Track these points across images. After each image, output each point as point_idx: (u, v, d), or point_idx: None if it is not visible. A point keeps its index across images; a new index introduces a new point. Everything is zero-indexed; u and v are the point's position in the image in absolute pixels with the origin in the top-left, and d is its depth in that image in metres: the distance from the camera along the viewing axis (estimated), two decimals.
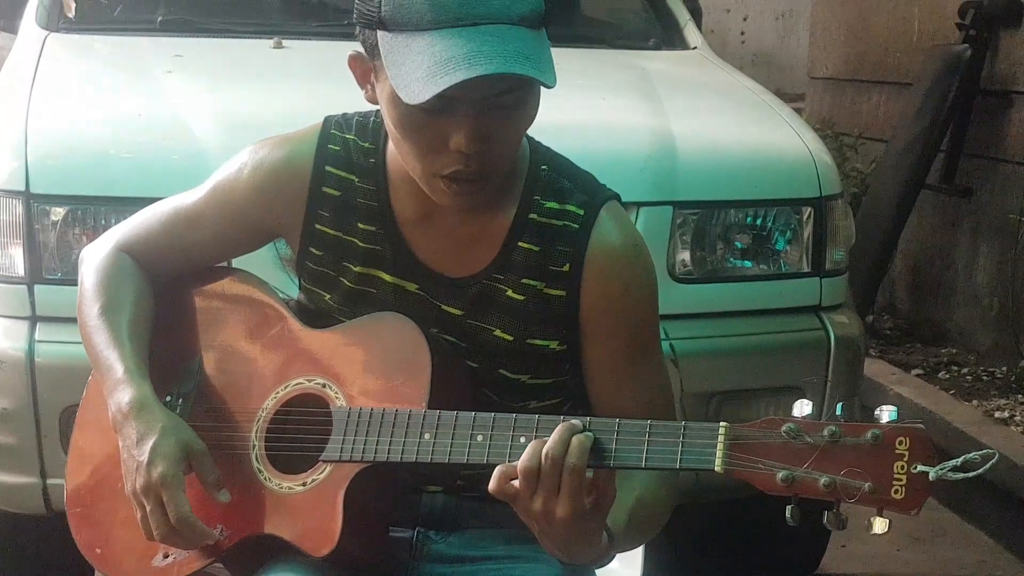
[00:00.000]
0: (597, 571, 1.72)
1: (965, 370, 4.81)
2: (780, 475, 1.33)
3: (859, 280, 4.55)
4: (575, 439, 1.36)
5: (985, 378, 4.70)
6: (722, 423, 1.37)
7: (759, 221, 2.80)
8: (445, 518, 1.62)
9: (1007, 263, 4.74)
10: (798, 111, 3.38)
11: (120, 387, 1.56)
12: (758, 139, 2.96)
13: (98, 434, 1.67)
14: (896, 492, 1.31)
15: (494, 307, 1.57)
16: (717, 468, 1.35)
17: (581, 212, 1.57)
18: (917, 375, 4.75)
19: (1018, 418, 4.19)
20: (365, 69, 1.50)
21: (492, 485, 1.38)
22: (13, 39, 3.28)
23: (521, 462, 1.37)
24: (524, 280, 1.56)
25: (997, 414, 4.23)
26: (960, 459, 1.30)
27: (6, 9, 3.45)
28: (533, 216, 1.57)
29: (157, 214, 1.71)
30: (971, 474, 1.30)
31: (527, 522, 1.41)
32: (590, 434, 1.38)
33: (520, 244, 1.57)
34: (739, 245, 2.79)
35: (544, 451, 1.36)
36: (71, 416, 1.73)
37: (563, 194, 1.58)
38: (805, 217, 2.81)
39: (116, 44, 3.24)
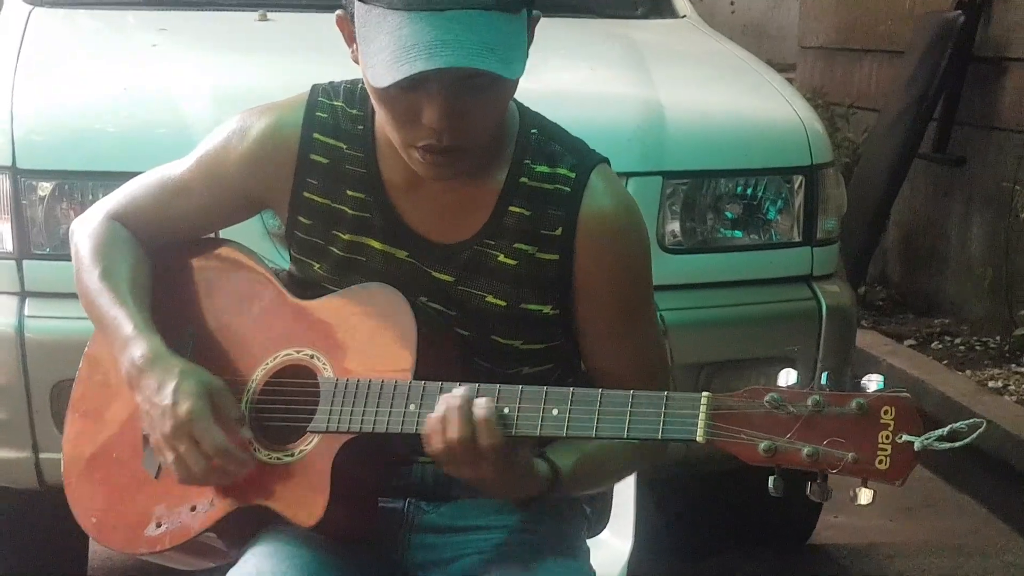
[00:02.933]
0: (587, 541, 1.73)
1: (958, 340, 4.82)
2: (762, 445, 1.32)
3: (851, 251, 4.54)
4: (477, 420, 1.41)
5: (978, 348, 4.71)
6: (704, 393, 1.36)
7: (749, 191, 2.79)
8: (436, 488, 1.62)
9: (1000, 232, 4.74)
10: (789, 81, 3.36)
11: (131, 343, 1.56)
12: (748, 108, 2.95)
13: (92, 405, 1.68)
14: (880, 462, 1.29)
15: (485, 273, 1.57)
16: (699, 438, 1.35)
17: (572, 175, 1.56)
18: (910, 346, 4.76)
19: (1012, 388, 4.19)
20: (350, 31, 1.50)
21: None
22: None
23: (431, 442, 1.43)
24: (516, 245, 1.56)
25: (991, 384, 4.24)
26: (946, 428, 1.29)
27: None
28: (524, 180, 1.56)
29: (144, 185, 1.70)
30: (957, 444, 1.28)
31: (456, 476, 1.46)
32: (493, 407, 1.41)
33: (511, 208, 1.56)
34: (729, 215, 2.79)
35: (446, 436, 1.41)
36: (62, 391, 1.73)
37: (554, 158, 1.57)
38: (796, 186, 2.81)
39: (101, 18, 3.22)
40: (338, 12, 1.52)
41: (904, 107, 5.08)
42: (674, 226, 2.72)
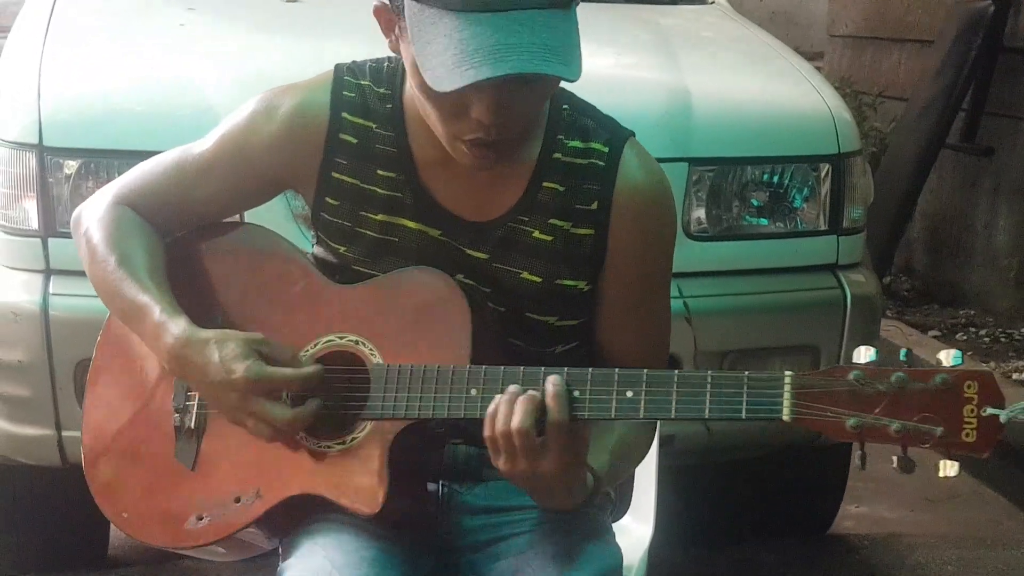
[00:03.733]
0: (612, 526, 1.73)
1: (983, 332, 4.79)
2: (850, 422, 1.34)
3: (877, 241, 4.51)
4: (519, 407, 1.39)
5: (1003, 340, 4.68)
6: (787, 372, 1.37)
7: (776, 178, 2.77)
8: (468, 470, 1.62)
9: None
10: (817, 70, 3.34)
11: (161, 332, 1.52)
12: (776, 95, 2.93)
13: (111, 394, 1.64)
14: (967, 435, 1.33)
15: (520, 249, 1.56)
16: (785, 417, 1.36)
17: (606, 149, 1.56)
18: (935, 336, 4.73)
19: None
20: (390, 20, 1.48)
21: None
22: None
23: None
24: (551, 220, 1.56)
25: (1015, 376, 4.22)
26: None
27: None
28: (557, 155, 1.56)
29: (159, 167, 1.66)
30: None
31: (514, 483, 1.45)
32: (535, 394, 1.40)
33: (545, 184, 1.56)
34: (755, 203, 2.77)
35: (498, 424, 1.40)
36: (85, 369, 1.72)
37: (587, 132, 1.57)
38: (823, 174, 2.79)
39: None
40: (376, 3, 1.50)
41: (933, 97, 5.04)
42: (700, 213, 2.71)
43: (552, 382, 1.41)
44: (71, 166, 2.50)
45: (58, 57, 2.71)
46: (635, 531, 1.94)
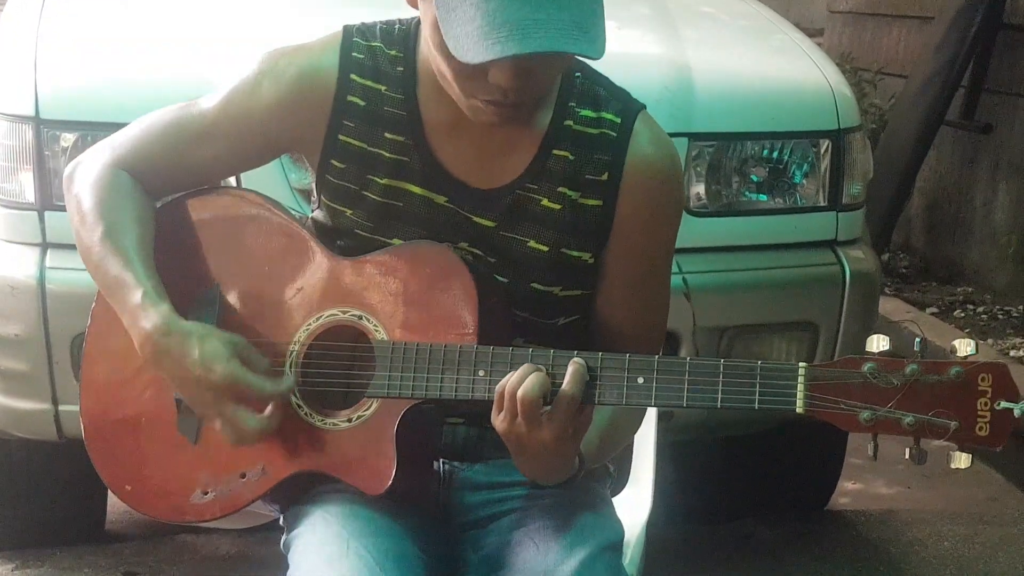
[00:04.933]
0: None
1: (981, 309, 4.79)
2: (864, 415, 1.33)
3: (875, 218, 4.51)
4: (532, 377, 1.39)
5: (1001, 317, 4.68)
6: (801, 363, 1.36)
7: (776, 154, 2.77)
8: (467, 449, 1.61)
9: None
10: (817, 46, 3.33)
11: (140, 316, 1.48)
12: (776, 70, 2.92)
13: (109, 365, 1.61)
14: (980, 429, 1.33)
15: (528, 217, 1.54)
16: (799, 409, 1.35)
17: (618, 120, 1.54)
18: (932, 313, 4.73)
19: None
20: None
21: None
22: None
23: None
24: (560, 188, 1.54)
25: (1013, 353, 4.22)
26: None
27: None
28: (568, 123, 1.54)
29: (156, 127, 1.61)
30: None
31: (506, 443, 1.44)
32: (540, 371, 1.39)
33: (555, 152, 1.54)
34: (755, 178, 2.76)
35: (508, 384, 1.40)
36: (82, 343, 1.70)
37: (599, 102, 1.55)
38: (823, 150, 2.78)
39: None
40: None
41: (932, 73, 5.03)
42: (699, 188, 2.70)
43: (576, 361, 1.40)
44: (68, 139, 2.49)
45: (55, 29, 2.69)
46: (634, 506, 1.94)
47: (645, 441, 1.95)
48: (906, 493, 3.47)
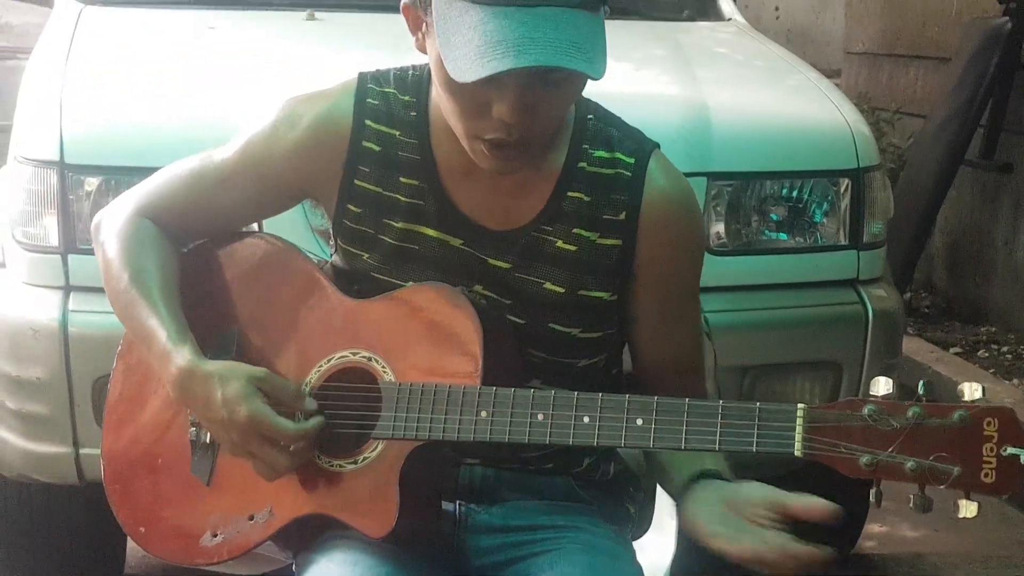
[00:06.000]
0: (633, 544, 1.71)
1: (1005, 348, 4.76)
2: (864, 460, 1.29)
3: (897, 257, 4.49)
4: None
5: None
6: (799, 404, 1.33)
7: (795, 193, 2.76)
8: (484, 490, 1.60)
9: None
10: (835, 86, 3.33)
11: (166, 359, 1.52)
12: (794, 110, 2.92)
13: (131, 406, 1.64)
14: (986, 476, 1.27)
15: (543, 259, 1.55)
16: (797, 452, 1.32)
17: (632, 160, 1.55)
18: (956, 353, 4.70)
19: None
20: (417, 17, 1.48)
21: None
22: (48, 14, 3.28)
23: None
24: (575, 230, 1.55)
25: None
26: None
27: None
28: (582, 165, 1.55)
29: (178, 176, 1.65)
30: None
31: None
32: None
33: (570, 194, 1.55)
34: (775, 217, 2.76)
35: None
36: (104, 386, 1.71)
37: (611, 142, 1.56)
38: (842, 189, 2.77)
39: (150, 16, 3.24)
40: (405, 0, 1.50)
41: (950, 113, 5.02)
42: (719, 228, 2.69)
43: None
44: (92, 183, 2.50)
45: (80, 75, 2.72)
46: (657, 551, 1.92)
47: None
48: (933, 536, 3.43)
